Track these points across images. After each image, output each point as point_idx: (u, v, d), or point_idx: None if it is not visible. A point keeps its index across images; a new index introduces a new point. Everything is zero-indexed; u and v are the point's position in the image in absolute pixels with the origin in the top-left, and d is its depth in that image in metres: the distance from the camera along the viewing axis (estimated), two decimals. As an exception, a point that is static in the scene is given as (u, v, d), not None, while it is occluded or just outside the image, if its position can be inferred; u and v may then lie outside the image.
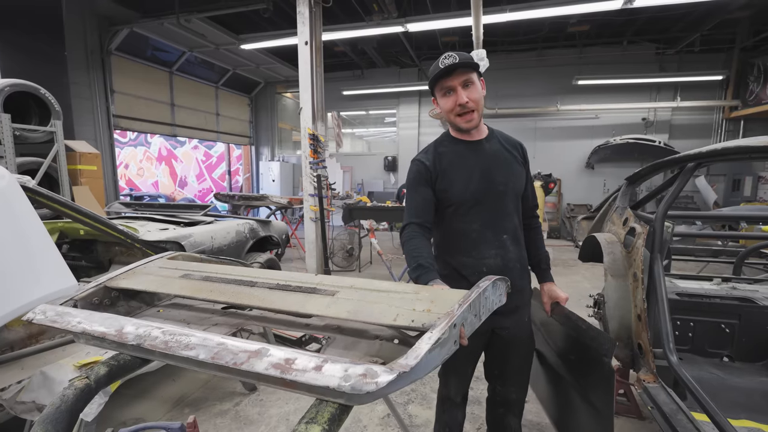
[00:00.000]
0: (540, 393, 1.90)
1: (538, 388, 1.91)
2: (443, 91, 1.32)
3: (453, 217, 1.38)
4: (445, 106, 1.33)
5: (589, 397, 1.35)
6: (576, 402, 1.47)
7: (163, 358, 0.78)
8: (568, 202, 9.22)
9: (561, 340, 1.56)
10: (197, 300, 1.13)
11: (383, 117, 11.27)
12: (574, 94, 8.73)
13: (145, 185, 13.19)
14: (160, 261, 1.25)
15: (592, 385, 1.33)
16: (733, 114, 8.07)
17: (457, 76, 1.28)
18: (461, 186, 1.35)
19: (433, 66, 1.32)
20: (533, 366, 1.86)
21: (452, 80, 1.28)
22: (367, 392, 0.59)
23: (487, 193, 1.35)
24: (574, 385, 1.47)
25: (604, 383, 1.22)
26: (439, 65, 1.29)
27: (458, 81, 1.28)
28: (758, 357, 1.66)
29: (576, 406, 1.48)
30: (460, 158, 1.37)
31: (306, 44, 4.16)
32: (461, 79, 1.28)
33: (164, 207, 4.46)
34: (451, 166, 1.36)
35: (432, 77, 1.32)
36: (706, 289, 1.93)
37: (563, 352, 1.55)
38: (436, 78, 1.31)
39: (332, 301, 0.88)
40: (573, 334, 1.44)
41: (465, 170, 1.36)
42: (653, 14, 6.87)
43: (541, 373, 1.80)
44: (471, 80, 1.29)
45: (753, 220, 2.58)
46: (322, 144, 4.30)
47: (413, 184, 1.40)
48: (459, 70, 1.27)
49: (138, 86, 7.70)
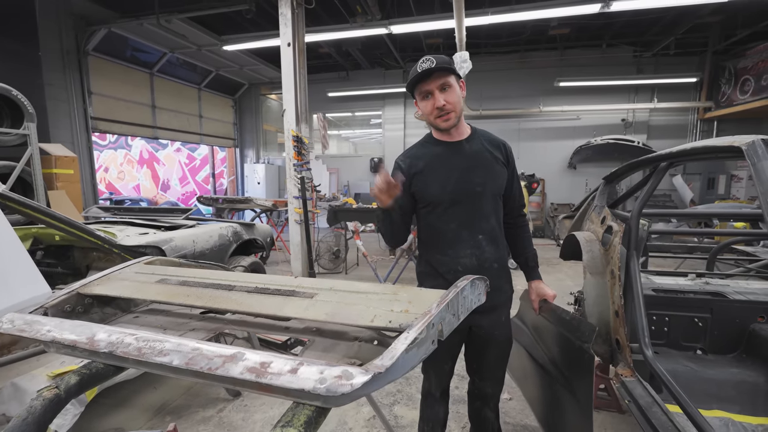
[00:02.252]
0: (528, 393, 1.92)
1: (527, 388, 1.93)
2: (422, 95, 1.35)
3: (430, 216, 1.42)
4: (425, 109, 1.36)
5: (571, 387, 1.38)
6: (559, 395, 1.50)
7: (137, 365, 0.77)
8: (551, 201, 9.38)
9: (548, 337, 1.59)
10: (174, 305, 1.11)
11: (369, 118, 11.27)
12: (556, 95, 8.91)
13: (126, 189, 12.85)
14: (136, 266, 1.22)
15: (574, 374, 1.36)
16: (707, 115, 8.37)
17: (435, 80, 1.30)
18: (438, 186, 1.38)
19: (412, 70, 1.34)
20: (523, 368, 1.90)
21: (430, 84, 1.31)
22: (342, 394, 0.59)
23: (465, 193, 1.37)
24: (558, 379, 1.50)
25: (584, 370, 1.25)
26: (417, 69, 1.31)
27: (435, 85, 1.30)
28: (729, 349, 1.73)
29: (559, 399, 1.51)
30: (439, 159, 1.40)
31: (288, 45, 4.13)
32: (438, 82, 1.30)
33: (144, 211, 4.36)
34: (428, 167, 1.39)
35: (410, 81, 1.34)
36: (681, 285, 2.00)
37: (550, 347, 1.57)
38: (414, 82, 1.33)
39: (311, 304, 0.87)
40: (558, 328, 1.48)
41: (443, 171, 1.38)
42: (630, 18, 7.08)
43: (530, 373, 1.83)
44: (448, 83, 1.31)
45: (724, 218, 2.69)
46: (306, 146, 4.27)
47: None
48: (436, 74, 1.29)
49: (117, 88, 7.51)
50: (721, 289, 1.88)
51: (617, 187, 5.73)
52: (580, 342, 1.28)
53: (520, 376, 2.01)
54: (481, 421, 1.60)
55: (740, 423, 1.45)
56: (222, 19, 6.96)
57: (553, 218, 8.88)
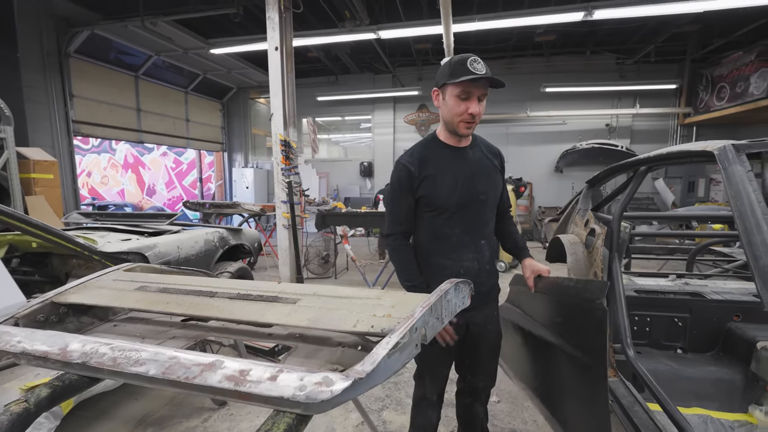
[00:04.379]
0: (526, 374, 1.85)
1: (524, 370, 1.87)
2: (460, 94, 1.28)
3: (434, 220, 1.42)
4: (456, 109, 1.30)
5: (582, 350, 1.28)
6: (566, 364, 1.42)
7: (112, 375, 0.75)
8: (539, 205, 9.52)
9: (550, 310, 1.52)
10: (154, 313, 1.09)
11: (359, 123, 11.29)
12: (543, 101, 9.07)
13: (110, 194, 12.59)
14: (115, 273, 1.19)
15: (585, 334, 1.26)
16: (687, 120, 8.62)
17: (480, 87, 1.28)
18: (446, 192, 1.38)
19: (456, 62, 1.25)
20: (519, 352, 1.88)
21: (475, 89, 1.27)
22: (322, 400, 0.59)
23: (470, 200, 1.40)
24: (564, 347, 1.41)
25: (598, 327, 1.16)
26: (467, 67, 1.22)
27: (479, 92, 1.28)
28: (707, 348, 1.77)
29: (566, 369, 1.43)
30: (446, 164, 1.40)
31: (276, 50, 4.12)
32: (482, 91, 1.29)
33: (128, 216, 4.27)
34: (436, 171, 1.38)
35: (455, 74, 1.24)
36: (662, 286, 2.04)
37: (553, 319, 1.50)
38: (459, 80, 1.23)
39: (293, 310, 0.87)
40: (560, 297, 1.42)
41: (450, 176, 1.39)
42: (612, 26, 7.27)
43: (527, 353, 1.78)
44: (486, 94, 1.31)
45: (702, 220, 2.78)
46: (294, 150, 4.25)
47: (397, 190, 1.43)
48: (484, 81, 1.26)
49: (100, 90, 7.36)
50: (699, 290, 1.93)
51: (602, 190, 5.85)
52: (590, 300, 1.22)
53: (516, 364, 1.95)
54: (471, 417, 1.61)
55: (718, 420, 1.48)
56: (209, 23, 6.91)
57: (541, 221, 9.01)
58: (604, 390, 1.15)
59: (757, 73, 6.74)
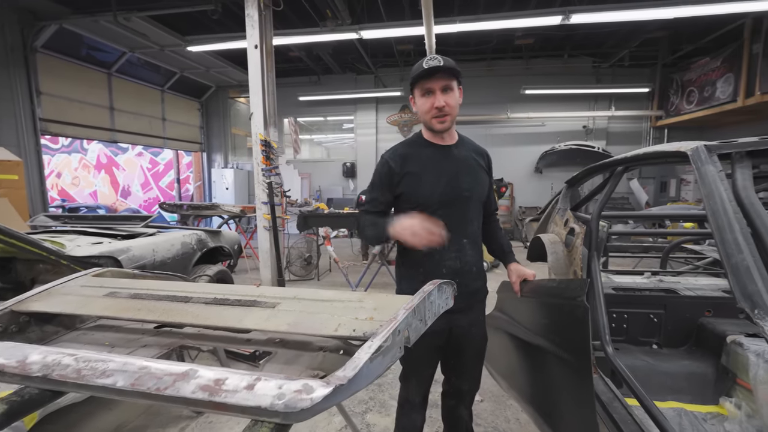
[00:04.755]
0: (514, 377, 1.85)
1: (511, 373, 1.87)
2: (422, 92, 1.34)
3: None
4: (423, 107, 1.35)
5: (566, 349, 1.30)
6: (553, 365, 1.43)
7: (77, 388, 0.70)
8: (519, 204, 9.69)
9: (536, 313, 1.54)
10: (125, 320, 1.03)
11: (341, 123, 11.22)
12: (523, 102, 9.25)
13: (82, 195, 12.07)
14: (82, 279, 1.13)
15: (569, 333, 1.28)
16: (659, 123, 8.97)
17: (438, 80, 1.30)
18: (428, 188, 1.38)
19: (417, 65, 1.32)
20: (507, 356, 1.88)
21: (433, 83, 1.30)
22: (301, 409, 0.56)
23: (453, 197, 1.39)
24: (550, 348, 1.42)
25: (580, 324, 1.17)
26: (422, 65, 1.29)
27: (438, 85, 1.30)
28: (680, 343, 1.83)
29: (553, 369, 1.44)
30: (430, 161, 1.40)
31: (256, 48, 4.04)
32: (442, 83, 1.30)
33: (100, 219, 4.09)
34: (419, 168, 1.39)
35: (413, 76, 1.32)
36: (638, 283, 2.10)
37: (539, 322, 1.52)
38: (417, 77, 1.31)
39: (272, 314, 0.84)
40: (545, 299, 1.45)
41: (434, 173, 1.39)
42: (588, 30, 7.49)
43: (516, 357, 1.78)
44: (450, 86, 1.32)
45: (675, 219, 2.89)
46: (275, 150, 4.18)
47: (377, 184, 1.45)
48: (440, 74, 1.29)
49: (71, 88, 7.05)
50: (673, 286, 1.99)
51: (580, 190, 6.01)
52: (571, 299, 1.24)
53: (503, 368, 1.95)
54: (455, 420, 1.61)
55: (692, 412, 1.53)
56: (186, 19, 6.72)
57: (522, 221, 9.18)
58: (590, 386, 1.16)
59: (723, 78, 7.07)
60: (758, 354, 1.42)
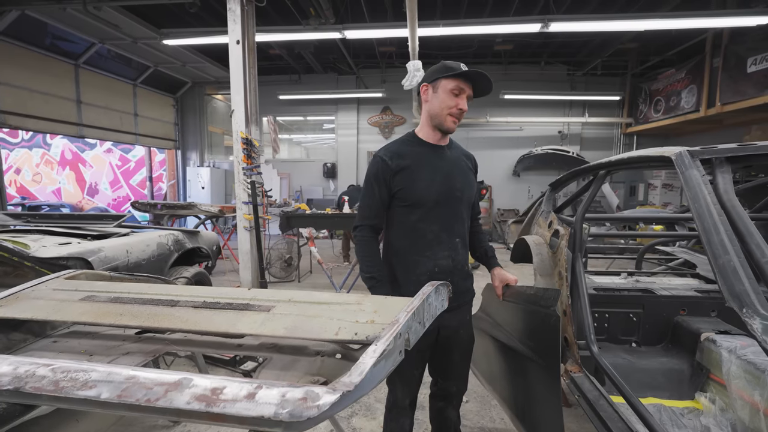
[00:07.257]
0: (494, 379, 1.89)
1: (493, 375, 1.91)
2: (453, 89, 1.34)
3: (411, 215, 1.41)
4: (447, 102, 1.36)
5: (539, 354, 1.37)
6: (527, 368, 1.49)
7: (54, 401, 0.64)
8: (498, 207, 9.89)
9: (515, 318, 1.58)
10: (103, 326, 0.97)
11: (322, 123, 11.10)
12: (502, 107, 9.45)
13: (44, 193, 11.39)
14: (54, 282, 1.05)
15: (542, 340, 1.35)
16: (629, 130, 9.38)
17: (469, 88, 1.36)
18: (424, 186, 1.38)
19: (453, 63, 1.35)
20: (488, 358, 1.90)
21: (467, 87, 1.36)
22: (308, 418, 0.53)
23: (447, 197, 1.41)
24: (525, 353, 1.48)
25: (551, 333, 1.25)
26: (459, 66, 1.32)
27: (469, 91, 1.37)
28: (658, 341, 1.91)
29: (527, 372, 1.50)
30: (424, 160, 1.41)
31: (238, 43, 3.93)
32: (470, 91, 1.37)
33: (66, 218, 3.86)
34: (414, 166, 1.39)
35: (451, 68, 1.33)
36: (617, 283, 2.18)
37: (517, 327, 1.57)
38: (458, 74, 1.32)
39: (267, 318, 0.80)
40: (523, 305, 1.49)
41: (428, 172, 1.40)
42: (564, 40, 7.76)
43: (496, 360, 1.82)
44: (470, 98, 1.39)
45: (648, 221, 3.03)
46: (257, 149, 4.08)
47: (371, 181, 1.42)
48: (476, 84, 1.36)
49: (33, 78, 6.63)
50: (649, 286, 2.07)
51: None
52: (545, 308, 1.30)
53: (485, 369, 1.99)
54: (443, 420, 1.61)
55: (670, 408, 1.59)
56: (162, 11, 6.46)
57: (501, 223, 9.36)
58: (557, 389, 1.23)
59: (687, 89, 7.48)
60: (730, 350, 1.49)
